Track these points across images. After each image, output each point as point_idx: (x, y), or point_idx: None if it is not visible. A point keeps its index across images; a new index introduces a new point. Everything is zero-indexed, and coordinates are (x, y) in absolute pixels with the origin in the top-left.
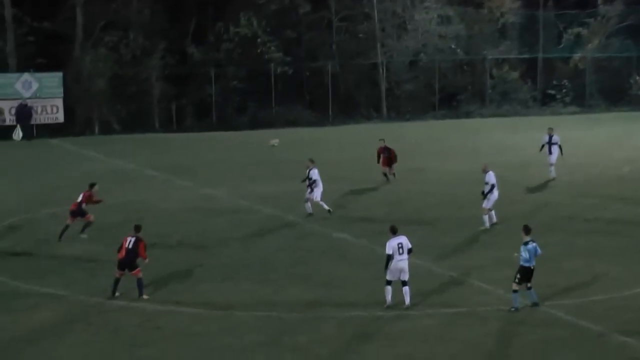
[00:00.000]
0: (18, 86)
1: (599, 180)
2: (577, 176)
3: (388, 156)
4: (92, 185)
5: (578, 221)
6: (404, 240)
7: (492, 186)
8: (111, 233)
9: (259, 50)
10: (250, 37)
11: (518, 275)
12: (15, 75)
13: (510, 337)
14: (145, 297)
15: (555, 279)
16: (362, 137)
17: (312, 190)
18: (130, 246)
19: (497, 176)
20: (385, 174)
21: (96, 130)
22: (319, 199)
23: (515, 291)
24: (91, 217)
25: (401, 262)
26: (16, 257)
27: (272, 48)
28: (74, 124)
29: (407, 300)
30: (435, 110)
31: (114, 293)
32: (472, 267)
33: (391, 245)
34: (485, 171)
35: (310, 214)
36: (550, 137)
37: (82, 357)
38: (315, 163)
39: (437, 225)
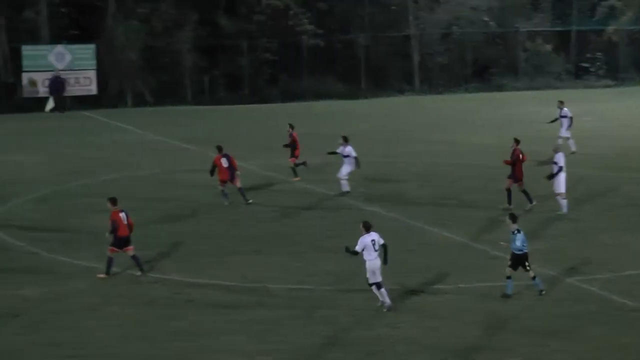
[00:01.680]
0: (51, 58)
1: (633, 154)
2: (611, 150)
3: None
4: (220, 148)
5: (612, 195)
6: (376, 237)
7: (560, 168)
8: (144, 204)
9: (290, 22)
10: (282, 8)
11: (510, 262)
12: (49, 47)
13: (542, 311)
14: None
15: (588, 253)
16: (394, 109)
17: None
18: (127, 221)
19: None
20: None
21: (128, 102)
22: (343, 175)
23: (508, 277)
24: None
25: (376, 261)
26: (49, 229)
27: (304, 20)
28: (107, 96)
29: (388, 300)
30: (468, 83)
31: (109, 272)
32: (504, 241)
33: (364, 242)
34: (555, 151)
35: (347, 192)
36: (561, 110)
37: (117, 329)
38: (349, 141)
39: (468, 199)
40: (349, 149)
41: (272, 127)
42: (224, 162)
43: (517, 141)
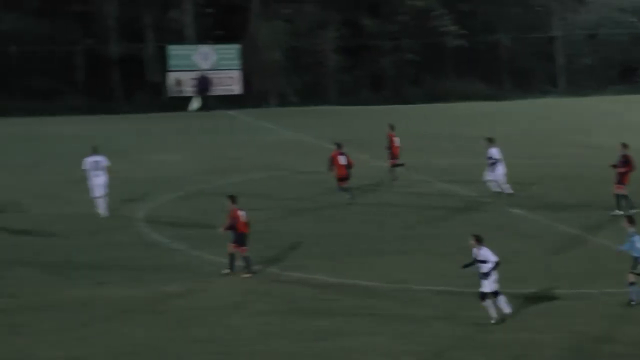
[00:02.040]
0: (196, 58)
1: None
2: None
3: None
4: (339, 145)
5: None
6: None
7: None
8: (284, 204)
9: (433, 23)
10: (425, 9)
11: (635, 268)
12: (194, 47)
13: None
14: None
15: None
16: (538, 111)
17: (493, 171)
18: (245, 219)
19: None
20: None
21: (272, 101)
22: (500, 179)
23: (632, 283)
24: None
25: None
26: (193, 227)
27: (447, 20)
28: (250, 96)
29: (507, 309)
30: (613, 85)
31: (251, 270)
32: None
33: (488, 253)
34: None
35: (496, 192)
36: None
37: (261, 327)
38: (494, 142)
39: (613, 204)
40: (493, 151)
41: (414, 128)
42: (342, 160)
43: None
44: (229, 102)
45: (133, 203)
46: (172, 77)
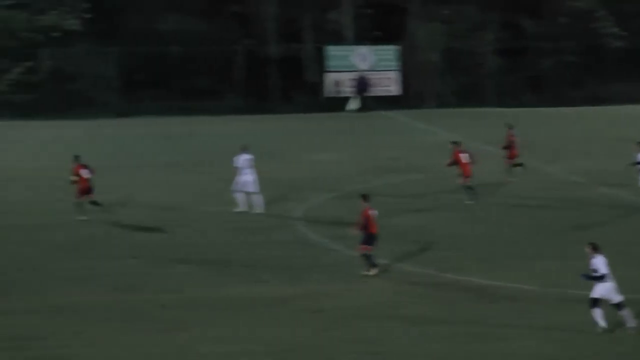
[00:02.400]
0: (355, 58)
1: None
2: None
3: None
4: (457, 143)
5: None
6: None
7: None
8: (439, 204)
9: (594, 25)
10: (586, 10)
11: None
12: (352, 47)
13: None
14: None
15: None
16: None
17: None
18: (375, 219)
19: None
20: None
21: (430, 103)
22: None
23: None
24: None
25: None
26: (350, 227)
27: (608, 22)
28: (408, 97)
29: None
30: None
31: (375, 265)
32: None
33: (604, 263)
34: None
35: None
36: None
37: (417, 329)
38: None
39: None
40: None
41: (576, 131)
42: (464, 158)
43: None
44: (386, 102)
45: (290, 202)
46: (330, 77)
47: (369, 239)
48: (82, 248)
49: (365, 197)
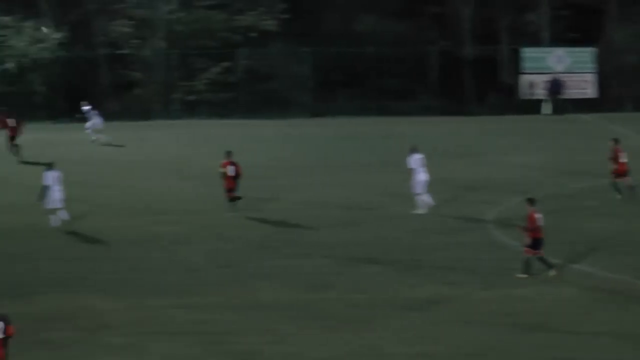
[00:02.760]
0: (551, 60)
1: None
2: None
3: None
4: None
5: None
6: None
7: None
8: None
9: None
10: None
11: None
12: (549, 49)
13: None
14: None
15: None
16: None
17: None
18: (540, 223)
19: None
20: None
21: (627, 106)
22: None
23: None
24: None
25: None
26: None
27: None
28: (605, 100)
29: None
30: None
31: (529, 272)
32: None
33: None
34: None
35: None
36: None
37: (612, 335)
38: None
39: None
40: None
41: None
42: (623, 157)
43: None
44: (582, 105)
45: (484, 204)
46: (525, 79)
47: (535, 243)
48: (274, 246)
49: (531, 200)
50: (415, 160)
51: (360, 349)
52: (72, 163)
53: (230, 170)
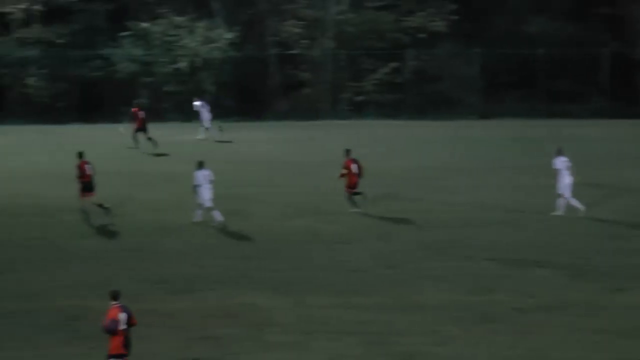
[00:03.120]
0: None
1: None
2: None
3: None
4: None
5: None
6: None
7: None
8: None
9: None
10: None
11: None
12: None
13: None
14: None
15: None
16: None
17: None
18: None
19: None
20: None
21: None
22: None
23: None
24: None
25: None
26: None
27: None
28: None
29: None
30: None
31: None
32: None
33: None
34: None
35: None
36: None
37: None
38: None
39: None
40: None
41: None
42: None
43: None
44: None
45: None
46: None
47: None
48: (437, 247)
49: None
50: (561, 162)
51: (524, 353)
52: (245, 163)
53: (354, 168)
